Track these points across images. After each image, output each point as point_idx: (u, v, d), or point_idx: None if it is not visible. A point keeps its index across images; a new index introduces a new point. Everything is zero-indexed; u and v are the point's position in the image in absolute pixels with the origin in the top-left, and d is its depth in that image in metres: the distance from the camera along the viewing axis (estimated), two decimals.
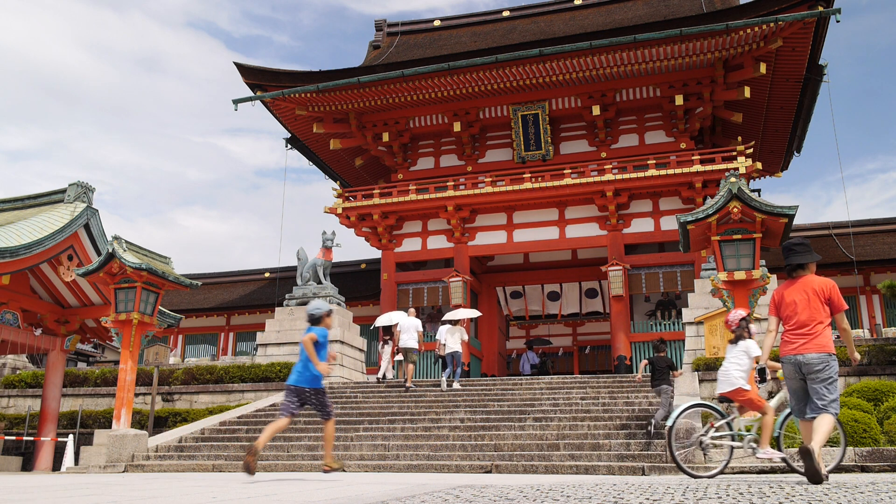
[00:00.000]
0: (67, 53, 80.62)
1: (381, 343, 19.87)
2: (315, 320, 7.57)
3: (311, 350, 7.32)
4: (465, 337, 18.18)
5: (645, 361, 12.57)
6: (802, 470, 6.00)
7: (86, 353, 32.49)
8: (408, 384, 16.92)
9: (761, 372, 6.64)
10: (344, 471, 7.79)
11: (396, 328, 18.31)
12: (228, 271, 33.09)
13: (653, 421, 11.58)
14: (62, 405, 18.92)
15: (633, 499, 4.61)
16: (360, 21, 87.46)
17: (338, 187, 26.13)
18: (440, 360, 18.01)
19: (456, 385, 16.82)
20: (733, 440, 7.64)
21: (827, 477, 5.93)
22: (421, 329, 18.05)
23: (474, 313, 20.46)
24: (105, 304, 17.48)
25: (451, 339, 17.51)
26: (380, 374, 19.07)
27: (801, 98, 23.53)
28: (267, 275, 31.76)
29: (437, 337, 18.09)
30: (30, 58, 77.04)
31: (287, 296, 21.10)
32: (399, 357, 23.65)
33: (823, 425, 5.96)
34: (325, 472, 7.70)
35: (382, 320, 19.48)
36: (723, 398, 7.73)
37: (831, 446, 8.60)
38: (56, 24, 79.56)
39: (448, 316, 18.42)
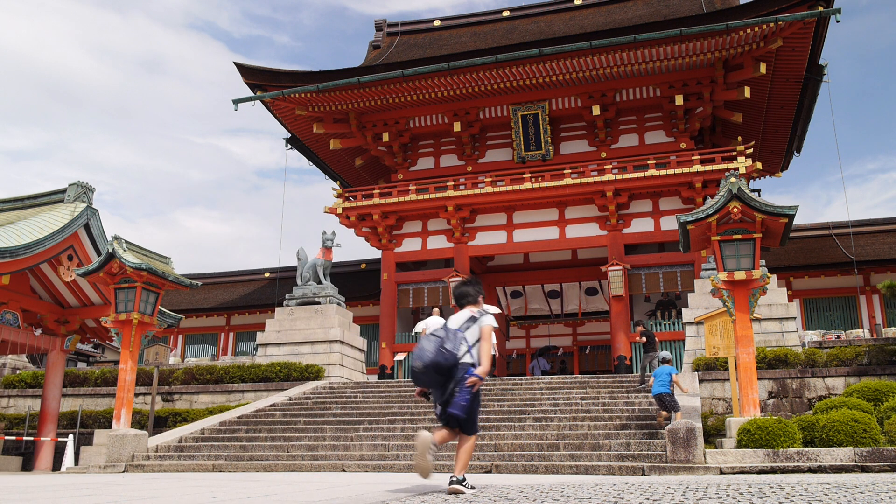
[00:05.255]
0: (70, 55, 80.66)
1: None
2: (666, 361, 12.34)
3: (677, 382, 12.39)
4: None
5: (640, 331, 15.36)
6: None
7: (86, 353, 32.48)
8: None
9: None
10: None
11: (423, 330, 18.87)
12: (228, 271, 33.09)
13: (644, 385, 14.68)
14: (62, 405, 18.91)
15: (633, 499, 4.61)
16: (360, 21, 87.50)
17: (338, 187, 26.12)
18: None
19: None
20: None
21: None
22: None
23: (494, 310, 20.94)
24: (105, 304, 17.47)
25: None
26: None
27: (801, 98, 23.52)
28: (267, 275, 31.76)
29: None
30: (33, 59, 77.09)
31: (287, 296, 21.09)
32: (400, 357, 23.88)
33: None
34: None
35: (420, 327, 19.82)
36: None
37: None
38: (59, 27, 79.60)
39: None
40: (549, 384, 16.28)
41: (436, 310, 19.92)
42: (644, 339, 15.26)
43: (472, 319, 5.70)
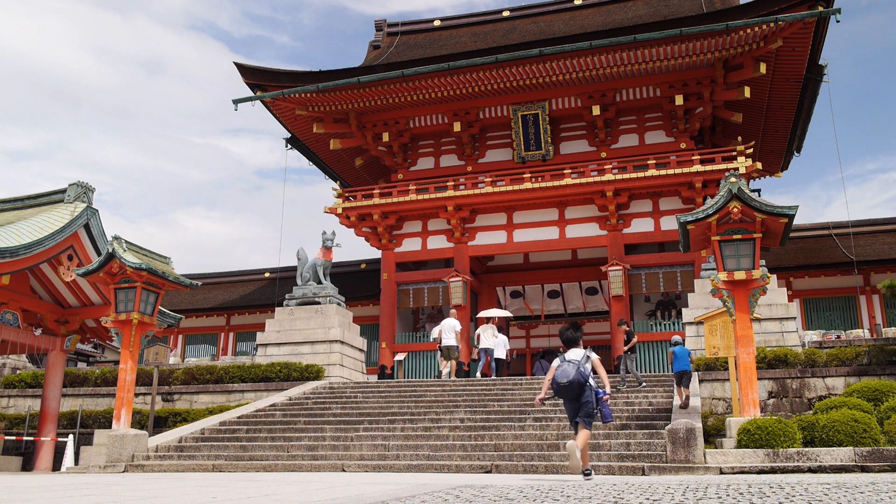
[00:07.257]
0: (71, 56, 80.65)
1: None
2: (677, 343, 13.80)
3: (690, 360, 13.42)
4: (497, 334, 19.99)
5: (625, 329, 15.82)
6: None
7: (86, 353, 32.47)
8: (451, 377, 18.91)
9: None
10: None
11: (440, 333, 19.62)
12: (228, 271, 33.06)
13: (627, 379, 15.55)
14: (62, 405, 18.91)
15: (633, 499, 4.61)
16: (360, 21, 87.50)
17: (338, 187, 26.10)
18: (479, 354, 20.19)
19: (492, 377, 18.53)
20: None
21: None
22: (459, 329, 19.62)
23: (506, 313, 22.91)
24: (105, 304, 17.46)
25: (484, 336, 19.42)
26: (444, 375, 19.58)
27: (801, 98, 23.51)
28: (267, 275, 31.75)
29: (476, 332, 20.26)
30: (34, 60, 77.08)
31: (287, 296, 21.09)
32: (400, 357, 23.95)
33: None
34: None
35: (435, 332, 20.28)
36: None
37: None
38: (59, 27, 79.57)
39: (481, 314, 20.09)
40: None
41: (453, 311, 20.69)
42: (636, 338, 15.85)
43: (586, 356, 8.12)
